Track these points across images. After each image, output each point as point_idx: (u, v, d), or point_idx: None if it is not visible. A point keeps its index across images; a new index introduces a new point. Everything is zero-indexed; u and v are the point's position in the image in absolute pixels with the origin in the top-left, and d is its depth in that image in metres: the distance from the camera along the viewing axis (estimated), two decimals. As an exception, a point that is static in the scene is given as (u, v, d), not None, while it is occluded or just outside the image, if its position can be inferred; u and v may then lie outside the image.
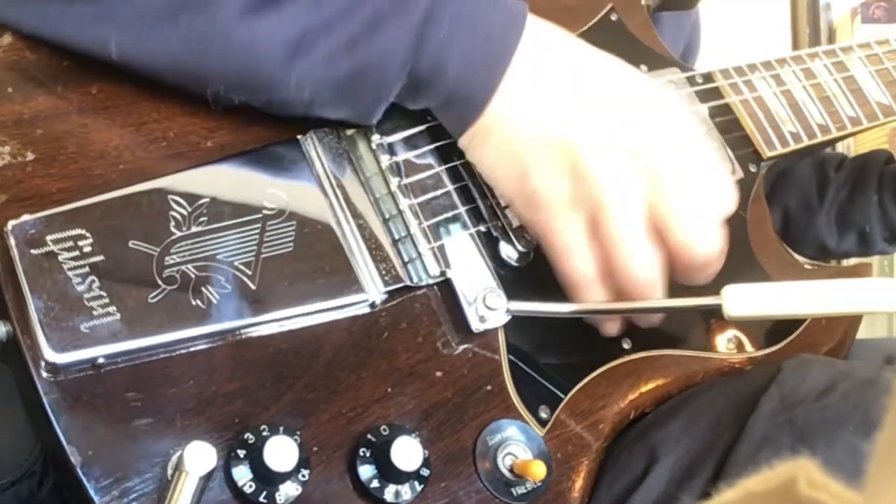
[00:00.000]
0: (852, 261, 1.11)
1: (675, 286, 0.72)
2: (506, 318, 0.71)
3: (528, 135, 0.69)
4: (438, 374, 0.69)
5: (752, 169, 0.88)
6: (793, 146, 0.90)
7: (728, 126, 0.88)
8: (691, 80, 0.89)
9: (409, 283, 0.70)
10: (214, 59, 0.65)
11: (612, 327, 0.75)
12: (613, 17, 0.90)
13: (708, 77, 0.90)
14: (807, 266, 0.88)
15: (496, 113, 0.69)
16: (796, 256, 0.89)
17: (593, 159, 0.68)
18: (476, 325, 0.70)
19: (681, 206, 0.69)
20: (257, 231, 0.67)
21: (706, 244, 0.70)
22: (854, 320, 0.84)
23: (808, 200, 0.98)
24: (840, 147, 1.37)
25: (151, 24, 0.65)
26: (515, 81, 0.69)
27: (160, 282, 0.63)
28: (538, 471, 0.66)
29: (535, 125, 0.69)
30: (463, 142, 0.72)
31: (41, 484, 0.65)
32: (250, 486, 0.60)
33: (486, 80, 0.68)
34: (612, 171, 0.68)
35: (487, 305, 0.70)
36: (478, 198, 0.75)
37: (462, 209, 0.74)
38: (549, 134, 0.68)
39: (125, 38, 0.65)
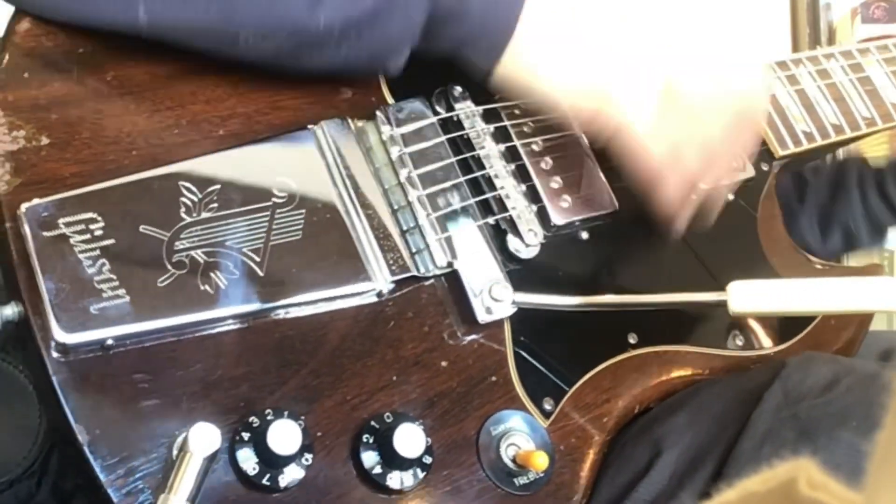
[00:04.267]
0: (861, 260, 1.10)
1: (678, 285, 0.73)
2: (512, 310, 0.71)
3: (571, 35, 0.71)
4: (444, 363, 0.69)
5: (764, 167, 0.88)
6: (806, 145, 0.90)
7: None
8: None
9: (416, 273, 0.70)
10: (242, 9, 0.66)
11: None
12: None
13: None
14: (817, 265, 0.88)
15: (529, 29, 0.70)
16: (807, 255, 0.89)
17: (636, 42, 0.72)
18: (482, 317, 0.70)
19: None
20: (266, 218, 0.67)
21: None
22: (864, 320, 0.84)
23: (788, 205, 0.98)
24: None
25: None
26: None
27: (169, 266, 0.64)
28: (540, 462, 0.66)
29: (571, 27, 0.71)
30: (500, 69, 0.72)
31: (40, 484, 0.66)
32: (254, 469, 0.60)
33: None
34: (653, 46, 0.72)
35: (494, 297, 0.71)
36: (487, 190, 0.75)
37: (471, 201, 0.74)
38: (593, 32, 0.71)
39: (153, 2, 0.65)
